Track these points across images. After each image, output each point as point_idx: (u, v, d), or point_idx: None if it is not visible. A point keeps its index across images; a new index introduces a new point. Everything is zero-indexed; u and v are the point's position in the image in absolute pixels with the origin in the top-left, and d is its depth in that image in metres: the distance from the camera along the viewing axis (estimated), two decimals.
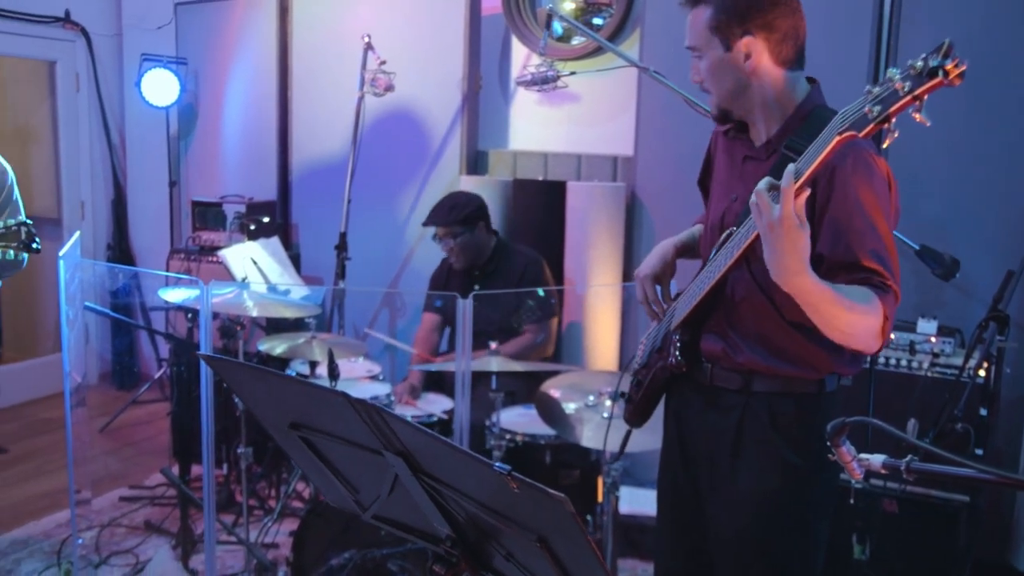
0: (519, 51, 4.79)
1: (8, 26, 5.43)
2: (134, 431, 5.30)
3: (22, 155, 6.29)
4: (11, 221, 2.85)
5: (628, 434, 2.33)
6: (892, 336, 3.21)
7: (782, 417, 1.89)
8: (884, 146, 1.37)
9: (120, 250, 6.22)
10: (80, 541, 3.50)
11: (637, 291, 2.14)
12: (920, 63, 1.31)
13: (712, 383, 1.96)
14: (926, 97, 1.32)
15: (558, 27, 4.65)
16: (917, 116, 1.33)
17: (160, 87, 5.49)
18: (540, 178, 4.67)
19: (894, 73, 1.34)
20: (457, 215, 3.89)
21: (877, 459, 1.18)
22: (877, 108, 1.37)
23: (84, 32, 5.89)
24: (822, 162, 1.49)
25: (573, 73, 3.68)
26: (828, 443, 1.19)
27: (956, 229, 3.45)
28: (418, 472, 1.30)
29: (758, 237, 1.61)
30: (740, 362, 1.90)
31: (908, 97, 1.32)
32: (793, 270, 1.57)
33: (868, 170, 1.73)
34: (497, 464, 1.07)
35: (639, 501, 3.72)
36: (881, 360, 3.20)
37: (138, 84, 5.46)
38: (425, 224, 4.01)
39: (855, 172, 1.72)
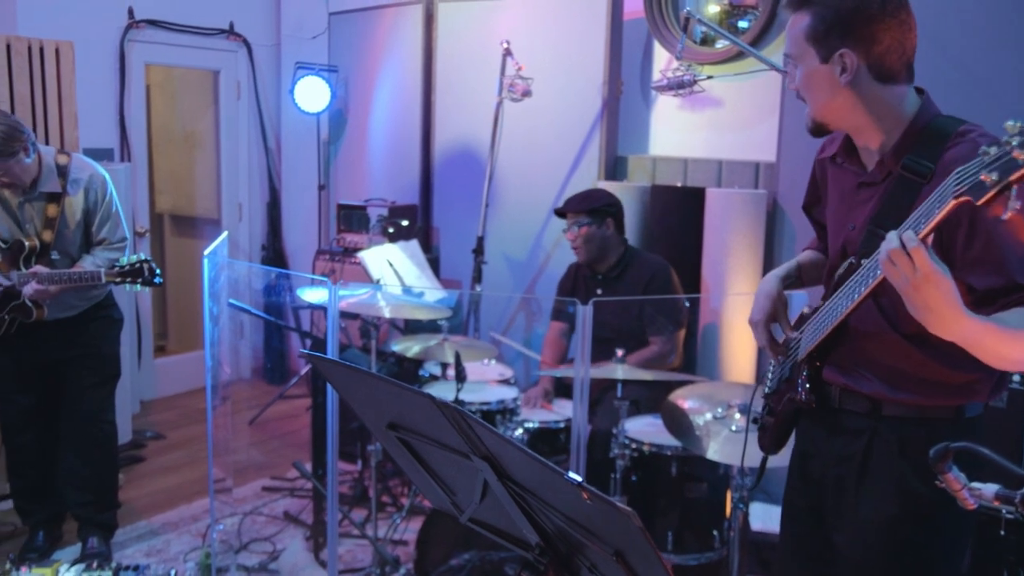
0: (661, 55, 4.71)
1: (180, 39, 5.81)
2: (280, 424, 5.54)
3: (189, 160, 6.70)
4: (134, 257, 3.13)
5: (764, 460, 2.23)
6: None
7: (912, 444, 1.79)
8: (1003, 217, 1.24)
9: (273, 250, 6.51)
10: (220, 527, 3.68)
11: (755, 338, 2.06)
12: None
13: (841, 407, 1.89)
14: None
15: (699, 30, 4.55)
16: None
17: (312, 94, 5.73)
18: (679, 184, 4.58)
19: (1013, 131, 1.23)
20: (587, 205, 3.91)
21: (990, 489, 1.08)
22: (994, 176, 1.27)
23: (246, 43, 6.21)
24: (940, 221, 1.42)
25: (710, 77, 3.60)
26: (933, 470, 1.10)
27: None
28: (504, 478, 1.29)
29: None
30: (866, 393, 1.83)
31: None
32: (951, 317, 1.48)
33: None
34: (568, 474, 1.05)
35: (772, 518, 3.56)
36: None
37: (292, 91, 5.71)
38: (557, 210, 4.06)
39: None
